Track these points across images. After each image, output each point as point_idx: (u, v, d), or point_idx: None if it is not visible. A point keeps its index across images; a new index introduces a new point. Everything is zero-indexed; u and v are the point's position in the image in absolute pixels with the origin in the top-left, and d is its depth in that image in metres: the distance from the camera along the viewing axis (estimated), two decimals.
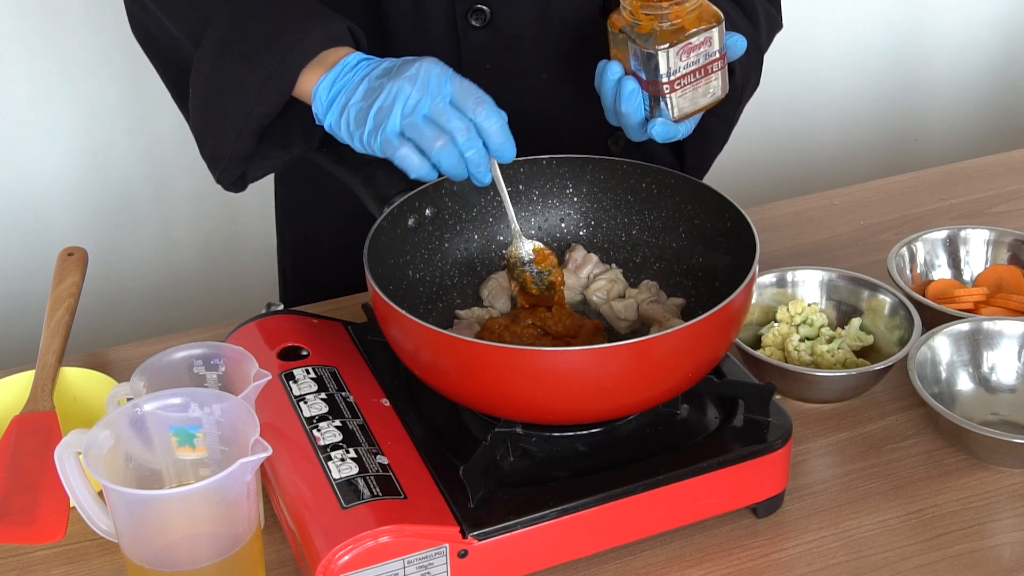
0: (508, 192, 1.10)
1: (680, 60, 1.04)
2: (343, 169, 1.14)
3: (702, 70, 1.06)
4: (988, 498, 1.07)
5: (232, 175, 1.17)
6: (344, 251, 1.28)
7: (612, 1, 1.12)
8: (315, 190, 1.45)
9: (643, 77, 1.06)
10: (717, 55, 1.06)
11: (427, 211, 1.15)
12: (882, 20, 2.37)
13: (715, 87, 1.08)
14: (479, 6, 1.25)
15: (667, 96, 1.06)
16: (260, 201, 2.11)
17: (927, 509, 1.06)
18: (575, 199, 1.21)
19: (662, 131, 1.08)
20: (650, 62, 1.04)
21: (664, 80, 1.05)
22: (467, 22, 1.26)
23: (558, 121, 1.34)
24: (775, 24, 1.34)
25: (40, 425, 1.11)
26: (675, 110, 1.07)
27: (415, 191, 1.13)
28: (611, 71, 1.09)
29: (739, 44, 1.10)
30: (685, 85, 1.06)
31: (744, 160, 2.38)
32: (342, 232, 1.42)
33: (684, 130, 1.10)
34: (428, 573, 0.94)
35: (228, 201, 2.12)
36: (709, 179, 1.15)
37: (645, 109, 1.09)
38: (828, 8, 2.32)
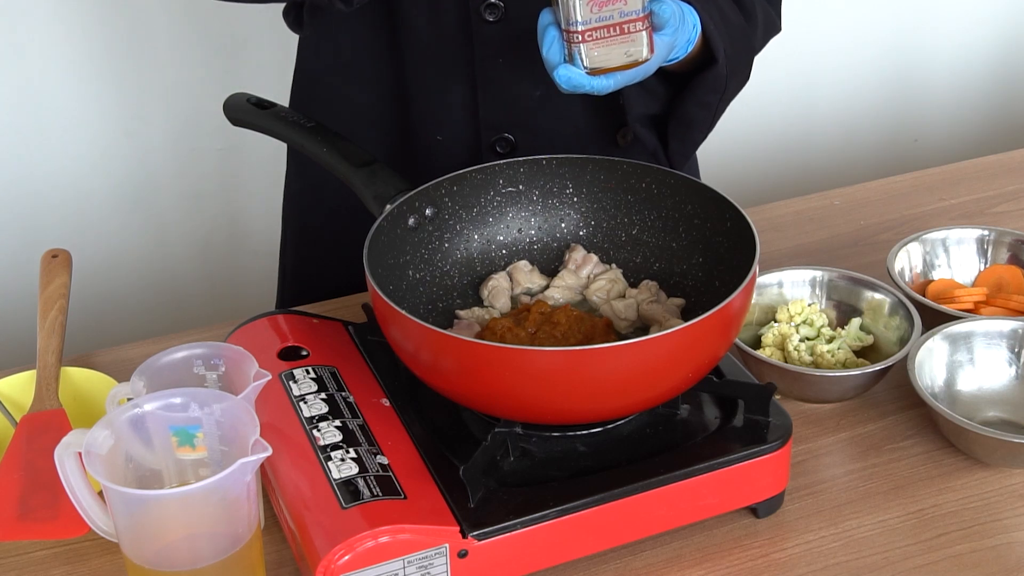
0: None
1: (591, 12, 1.05)
2: (343, 168, 1.14)
3: (617, 27, 1.06)
4: (988, 498, 1.07)
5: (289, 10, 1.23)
6: (344, 249, 1.27)
7: None
8: (320, 190, 1.45)
9: (561, 25, 1.07)
10: (636, 16, 1.06)
11: (427, 211, 1.15)
12: (882, 20, 2.37)
13: (636, 49, 1.08)
14: (493, 1, 1.25)
15: (578, 46, 1.07)
16: (260, 201, 2.11)
17: (927, 509, 1.06)
18: (575, 199, 1.21)
19: (563, 76, 1.07)
20: (561, 9, 1.06)
21: (575, 29, 1.06)
22: (480, 17, 1.26)
23: (572, 108, 1.34)
24: (772, 26, 1.34)
25: (50, 424, 1.11)
26: (586, 61, 1.07)
27: (415, 191, 1.13)
28: (543, 18, 1.10)
29: (676, 16, 1.09)
30: (598, 39, 1.07)
31: (744, 160, 2.38)
32: (343, 231, 1.42)
33: (599, 85, 1.08)
34: (428, 573, 0.94)
35: (228, 201, 2.12)
36: (709, 179, 1.15)
37: (563, 58, 1.09)
38: (828, 8, 2.32)
